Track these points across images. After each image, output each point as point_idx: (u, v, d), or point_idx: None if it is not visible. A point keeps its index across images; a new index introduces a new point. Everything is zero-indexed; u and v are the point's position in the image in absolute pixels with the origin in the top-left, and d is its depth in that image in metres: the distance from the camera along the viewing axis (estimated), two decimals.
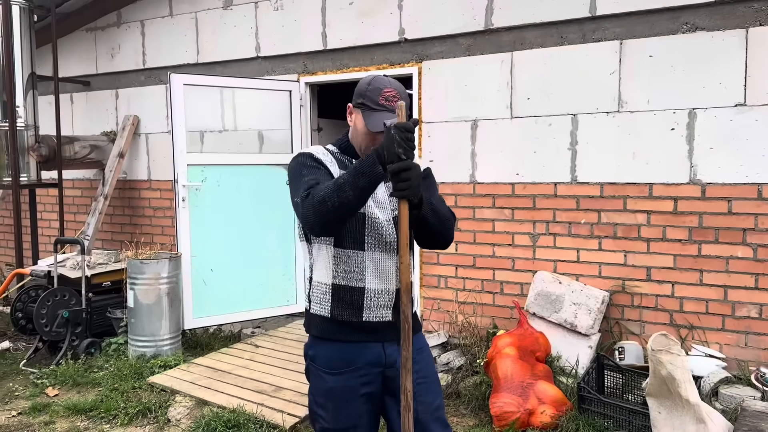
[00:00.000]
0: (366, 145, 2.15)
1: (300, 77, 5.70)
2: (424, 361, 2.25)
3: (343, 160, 2.21)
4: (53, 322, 4.92)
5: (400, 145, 1.85)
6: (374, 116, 2.08)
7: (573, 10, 4.42)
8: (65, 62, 6.99)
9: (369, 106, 2.09)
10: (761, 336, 3.98)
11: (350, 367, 2.14)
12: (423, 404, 2.18)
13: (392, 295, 2.16)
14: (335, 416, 2.17)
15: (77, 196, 7.28)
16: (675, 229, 4.20)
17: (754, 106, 3.93)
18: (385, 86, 2.11)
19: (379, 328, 2.16)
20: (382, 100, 2.08)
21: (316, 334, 2.22)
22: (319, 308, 2.19)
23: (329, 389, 2.16)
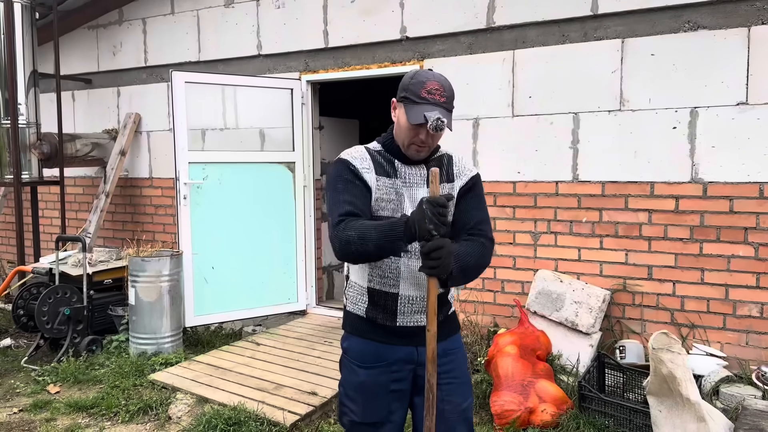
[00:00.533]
0: (409, 140, 2.11)
1: (301, 75, 5.69)
2: (457, 361, 2.25)
3: (383, 161, 2.17)
4: (55, 320, 4.92)
5: (431, 221, 1.81)
6: (416, 109, 2.04)
7: (575, 8, 4.42)
8: (67, 60, 6.99)
9: (411, 99, 2.06)
10: (762, 335, 3.98)
11: (382, 363, 2.15)
12: (451, 404, 2.20)
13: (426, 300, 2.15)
14: (364, 410, 2.19)
15: (79, 193, 7.29)
16: (676, 228, 4.19)
17: (756, 104, 3.93)
18: (428, 79, 2.07)
19: (414, 333, 2.16)
20: (424, 93, 2.04)
21: (351, 332, 2.25)
22: (355, 308, 2.23)
23: (360, 383, 2.19)
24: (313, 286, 5.94)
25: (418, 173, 2.18)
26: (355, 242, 1.95)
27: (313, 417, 3.79)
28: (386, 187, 2.13)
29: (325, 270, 6.33)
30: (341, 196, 2.08)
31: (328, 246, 6.39)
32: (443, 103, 2.05)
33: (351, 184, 2.10)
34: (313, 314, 5.87)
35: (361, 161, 2.15)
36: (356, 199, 2.08)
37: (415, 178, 2.17)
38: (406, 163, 2.18)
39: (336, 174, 2.14)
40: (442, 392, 2.18)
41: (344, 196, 2.08)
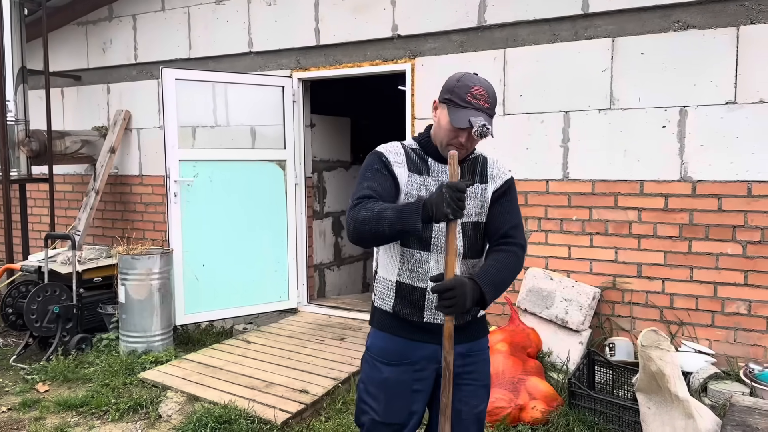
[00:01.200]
0: (447, 141, 2.12)
1: (293, 73, 5.68)
2: (479, 364, 2.26)
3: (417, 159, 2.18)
4: (44, 318, 4.89)
5: (449, 205, 1.83)
6: (460, 113, 2.05)
7: (565, 7, 4.43)
8: (56, 56, 6.94)
9: (456, 102, 2.07)
10: (750, 332, 4.01)
11: (405, 361, 2.16)
12: (468, 405, 2.22)
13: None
14: (386, 409, 2.18)
15: (68, 191, 7.24)
16: (665, 226, 4.22)
17: (744, 104, 3.96)
18: (474, 84, 2.08)
19: (440, 330, 2.13)
20: (469, 98, 2.05)
21: (377, 327, 2.25)
22: (382, 303, 2.23)
23: (383, 380, 2.18)
24: (304, 284, 5.93)
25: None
26: (371, 221, 1.95)
27: (305, 415, 3.79)
28: (417, 184, 2.15)
29: (316, 268, 6.32)
30: (365, 183, 2.10)
31: (320, 244, 6.40)
32: (487, 109, 2.07)
33: (379, 173, 2.12)
34: (304, 312, 5.87)
35: (395, 155, 2.17)
36: (379, 186, 2.09)
37: (447, 177, 2.16)
38: (440, 161, 2.19)
39: (367, 164, 2.17)
40: (462, 393, 2.20)
41: (368, 183, 2.10)
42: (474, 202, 2.17)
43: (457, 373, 2.18)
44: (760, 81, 3.91)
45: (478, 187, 2.19)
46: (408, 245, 2.14)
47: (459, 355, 2.17)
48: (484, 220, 2.20)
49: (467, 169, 2.21)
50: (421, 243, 2.12)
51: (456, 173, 1.92)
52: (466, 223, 2.15)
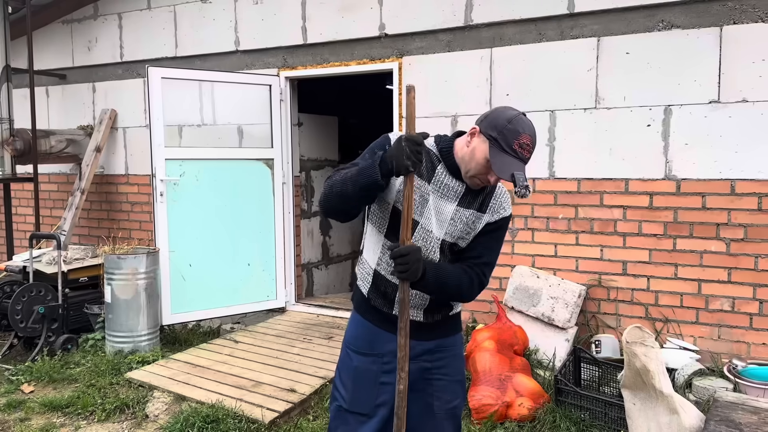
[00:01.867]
0: (475, 174, 2.05)
1: (280, 71, 5.67)
2: (449, 359, 2.26)
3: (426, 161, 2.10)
4: (29, 318, 4.85)
5: (410, 158, 1.84)
6: (502, 158, 1.96)
7: (551, 6, 4.46)
8: (41, 55, 6.88)
9: (501, 145, 1.97)
10: (734, 329, 4.06)
11: (374, 352, 2.17)
12: (440, 400, 2.24)
13: (426, 300, 2.17)
14: (352, 398, 2.21)
15: (53, 190, 7.18)
16: (650, 224, 4.26)
17: (727, 103, 4.00)
18: (524, 131, 1.99)
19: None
20: (516, 146, 1.96)
21: (354, 307, 2.29)
22: (362, 284, 2.26)
23: (353, 368, 2.21)
24: (292, 284, 5.92)
25: (453, 188, 2.12)
26: (338, 183, 1.98)
27: (292, 414, 3.79)
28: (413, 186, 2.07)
29: (304, 267, 6.31)
30: (357, 160, 2.09)
31: (308, 243, 6.39)
32: (527, 159, 2.00)
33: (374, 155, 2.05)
34: (292, 312, 5.86)
35: None
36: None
37: (448, 191, 2.12)
38: (451, 173, 2.12)
39: (372, 145, 2.14)
40: (433, 387, 2.22)
41: (359, 160, 2.08)
42: (460, 226, 2.12)
43: (427, 368, 2.21)
44: (742, 80, 3.95)
45: (472, 214, 2.13)
46: (391, 239, 2.13)
47: (427, 351, 2.21)
48: (463, 245, 2.16)
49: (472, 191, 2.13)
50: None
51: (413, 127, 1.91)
52: (444, 241, 2.12)
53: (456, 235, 2.14)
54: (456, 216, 2.12)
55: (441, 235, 2.12)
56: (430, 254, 2.12)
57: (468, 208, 2.13)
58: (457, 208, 2.12)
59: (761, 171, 3.93)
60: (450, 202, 2.12)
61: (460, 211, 2.12)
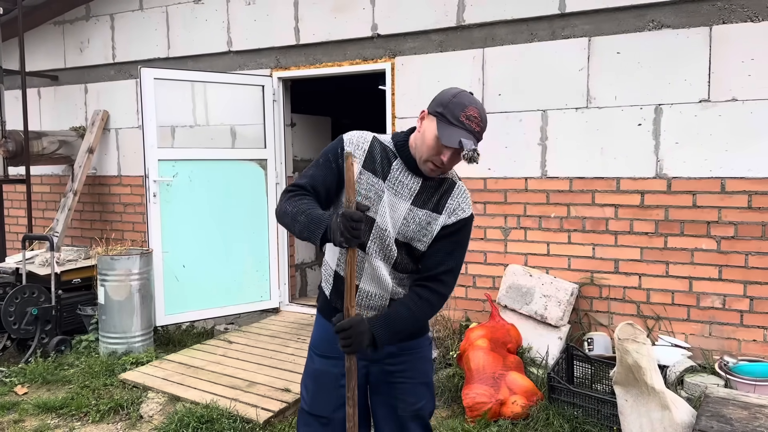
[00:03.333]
0: (428, 157, 2.02)
1: (273, 72, 5.68)
2: (411, 362, 2.23)
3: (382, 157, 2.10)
4: (22, 320, 4.84)
5: (343, 235, 1.81)
6: (449, 130, 1.94)
7: (542, 7, 4.49)
8: (32, 56, 6.86)
9: (447, 118, 1.96)
10: (724, 326, 4.10)
11: (334, 354, 2.14)
12: (404, 402, 2.22)
13: (385, 301, 2.15)
14: (313, 400, 2.23)
15: (46, 192, 7.16)
16: (642, 222, 4.29)
17: (717, 102, 4.04)
18: (470, 104, 1.99)
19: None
20: (462, 117, 1.95)
21: (318, 309, 2.31)
22: (324, 286, 2.26)
23: (314, 370, 2.23)
24: (285, 284, 5.93)
25: (410, 185, 2.10)
26: (288, 216, 1.99)
27: (287, 413, 3.79)
28: (367, 184, 2.07)
29: (297, 268, 6.32)
30: (312, 170, 2.12)
31: (301, 244, 6.39)
32: (477, 133, 1.98)
33: (328, 164, 2.09)
34: (286, 312, 5.86)
35: (355, 147, 2.10)
36: (320, 179, 2.08)
37: (403, 189, 2.09)
38: (407, 168, 2.10)
39: (328, 148, 2.14)
40: (396, 390, 2.21)
41: (313, 170, 2.11)
42: (413, 226, 2.08)
43: (390, 372, 2.20)
44: (732, 79, 3.99)
45: (426, 214, 2.09)
46: None
47: (390, 354, 2.17)
48: (420, 248, 2.11)
49: (428, 189, 2.11)
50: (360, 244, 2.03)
51: (352, 199, 1.87)
52: (398, 240, 2.09)
53: (408, 236, 2.09)
54: (409, 216, 2.08)
55: (394, 234, 2.09)
56: (389, 252, 2.10)
57: (422, 208, 2.09)
58: (411, 207, 2.08)
59: (751, 169, 3.97)
60: (404, 200, 2.09)
61: (413, 211, 2.08)
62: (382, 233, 2.08)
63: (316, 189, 2.07)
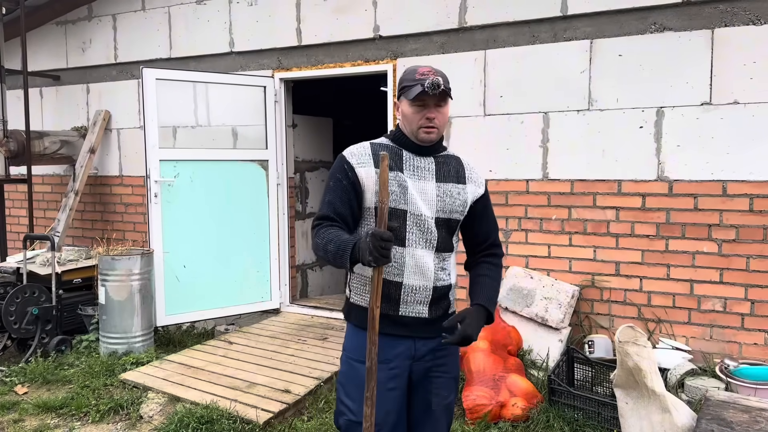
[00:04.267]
0: (418, 125, 2.16)
1: (274, 73, 5.68)
2: (451, 356, 2.31)
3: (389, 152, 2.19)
4: (22, 320, 4.84)
5: (372, 254, 1.88)
6: (413, 89, 2.12)
7: (545, 9, 4.49)
8: (35, 56, 6.87)
9: (408, 85, 2.14)
10: (725, 329, 4.09)
11: (381, 359, 2.14)
12: (438, 396, 2.27)
13: (429, 292, 2.20)
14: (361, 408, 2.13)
15: (47, 192, 7.16)
16: (643, 225, 4.29)
17: (719, 105, 4.03)
18: (418, 66, 2.18)
19: (414, 324, 2.20)
20: (418, 76, 2.12)
21: (355, 323, 2.27)
22: (359, 298, 2.25)
23: (360, 378, 2.14)
24: (286, 285, 5.93)
25: (427, 167, 2.22)
26: (321, 249, 2.09)
27: (287, 414, 3.79)
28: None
29: (298, 268, 6.32)
30: (327, 196, 2.18)
31: (302, 244, 6.40)
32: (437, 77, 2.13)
33: (339, 184, 2.16)
34: (286, 313, 5.86)
35: (358, 157, 2.19)
36: (338, 200, 2.15)
37: (423, 172, 2.21)
38: (416, 153, 2.22)
39: (333, 169, 2.22)
40: (433, 385, 2.26)
41: (329, 196, 2.17)
42: (449, 200, 2.20)
43: (429, 367, 2.25)
44: (734, 82, 3.99)
45: (454, 186, 2.23)
46: None
47: (431, 350, 2.24)
48: (459, 218, 2.24)
49: (442, 165, 2.24)
50: (397, 238, 2.12)
51: (385, 199, 1.95)
52: (439, 219, 2.19)
53: (447, 210, 2.21)
54: (440, 191, 2.20)
55: (433, 214, 2.18)
56: (429, 236, 2.17)
57: (447, 182, 2.23)
58: (438, 184, 2.21)
59: (752, 172, 3.97)
60: (429, 181, 2.20)
61: (441, 187, 2.21)
62: (419, 219, 2.16)
63: (339, 213, 2.14)
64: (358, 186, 2.15)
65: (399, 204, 2.13)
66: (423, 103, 2.13)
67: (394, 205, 2.13)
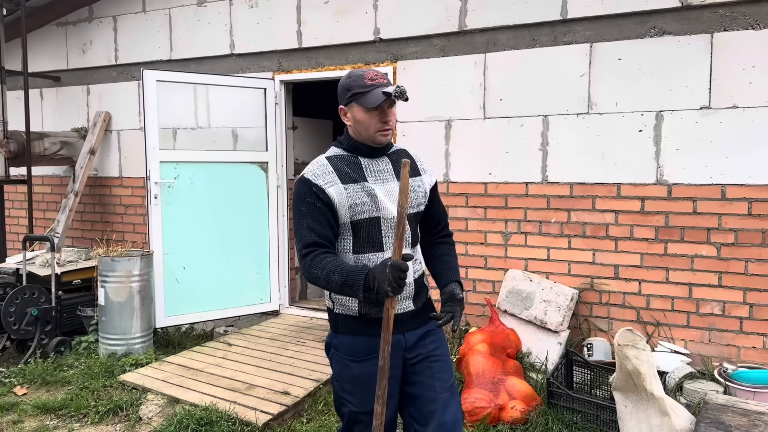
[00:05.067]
0: (375, 130, 2.20)
1: (275, 75, 5.69)
2: (440, 341, 2.37)
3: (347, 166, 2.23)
4: (22, 321, 4.84)
5: (391, 284, 1.94)
6: (368, 96, 2.14)
7: (544, 12, 4.50)
8: (35, 57, 6.88)
9: (360, 92, 2.15)
10: (724, 332, 4.10)
11: (373, 354, 2.18)
12: (440, 380, 2.31)
13: (412, 286, 2.27)
14: (362, 400, 2.24)
15: (47, 193, 7.17)
16: (642, 229, 4.30)
17: (718, 109, 4.05)
18: (364, 72, 2.20)
19: (403, 319, 2.25)
20: (368, 81, 2.15)
21: (346, 332, 2.28)
22: (345, 309, 2.27)
23: (355, 376, 2.25)
24: (286, 287, 5.93)
25: (385, 167, 2.29)
26: (321, 280, 2.09)
27: (286, 416, 3.79)
28: (356, 193, 2.19)
29: (298, 270, 6.32)
30: (305, 221, 2.17)
31: None
32: (386, 85, 2.17)
33: (313, 207, 2.16)
34: (286, 314, 5.87)
35: (323, 177, 2.19)
36: (318, 224, 2.15)
37: (383, 174, 2.27)
38: (370, 156, 2.28)
39: (299, 195, 2.21)
40: (432, 370, 2.30)
41: (307, 221, 2.16)
42: (413, 194, 2.29)
43: (425, 354, 2.30)
44: (733, 87, 4.00)
45: (413, 180, 2.31)
46: (361, 251, 2.21)
47: (419, 338, 2.30)
48: (424, 209, 2.36)
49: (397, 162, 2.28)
50: (374, 246, 2.20)
51: (405, 204, 1.97)
52: (410, 214, 2.27)
53: (415, 204, 2.30)
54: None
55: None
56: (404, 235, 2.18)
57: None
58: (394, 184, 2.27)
59: (751, 176, 3.98)
60: (391, 181, 2.27)
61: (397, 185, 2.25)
62: (392, 222, 2.20)
63: (324, 236, 2.16)
64: (332, 206, 2.17)
65: (372, 213, 2.19)
66: (380, 109, 2.16)
67: (367, 215, 2.18)
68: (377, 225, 2.19)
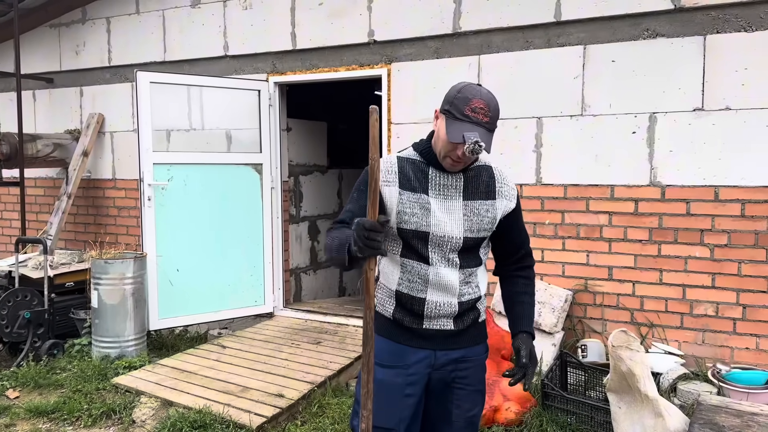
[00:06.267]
0: (445, 153, 2.07)
1: (269, 77, 5.68)
2: (473, 369, 2.25)
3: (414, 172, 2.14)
4: (14, 323, 4.82)
5: (357, 243, 1.80)
6: (455, 126, 1.99)
7: (538, 15, 4.51)
8: (28, 58, 6.84)
9: (453, 114, 2.01)
10: (717, 333, 4.11)
11: (400, 364, 2.15)
12: (459, 408, 2.23)
13: (455, 307, 2.16)
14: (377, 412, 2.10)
15: (40, 195, 7.13)
16: (636, 230, 4.31)
17: (711, 110, 4.06)
18: (474, 96, 2.02)
19: (438, 336, 2.17)
20: (468, 111, 1.99)
21: (378, 332, 2.19)
22: (382, 309, 2.23)
23: (378, 381, 2.10)
24: (280, 289, 5.92)
25: (454, 184, 2.15)
26: (327, 249, 2.06)
27: (280, 419, 3.78)
28: (410, 202, 2.10)
29: (292, 272, 6.31)
30: (349, 204, 2.16)
31: (296, 248, 6.40)
32: (486, 123, 2.01)
33: (363, 195, 2.07)
34: (280, 317, 5.85)
35: (384, 174, 2.12)
36: (359, 211, 2.07)
37: (449, 190, 2.14)
38: (442, 169, 2.14)
39: (359, 180, 2.19)
40: (453, 395, 2.22)
41: (351, 205, 2.15)
42: (476, 218, 2.14)
43: (450, 378, 2.21)
44: (726, 88, 4.02)
45: (481, 204, 2.15)
46: (408, 257, 2.14)
47: (453, 360, 2.19)
48: (487, 235, 2.18)
49: (471, 180, 2.17)
50: (421, 257, 2.12)
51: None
52: (467, 238, 2.13)
53: (474, 228, 2.13)
54: (467, 210, 2.13)
55: (461, 234, 2.11)
56: (452, 257, 2.12)
57: (475, 200, 2.15)
58: (465, 202, 2.14)
59: (744, 178, 3.99)
60: (455, 199, 2.13)
61: (468, 205, 2.14)
62: (441, 240, 2.10)
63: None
64: (381, 201, 2.09)
65: (420, 226, 2.09)
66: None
67: (414, 227, 2.09)
68: (424, 239, 2.10)
